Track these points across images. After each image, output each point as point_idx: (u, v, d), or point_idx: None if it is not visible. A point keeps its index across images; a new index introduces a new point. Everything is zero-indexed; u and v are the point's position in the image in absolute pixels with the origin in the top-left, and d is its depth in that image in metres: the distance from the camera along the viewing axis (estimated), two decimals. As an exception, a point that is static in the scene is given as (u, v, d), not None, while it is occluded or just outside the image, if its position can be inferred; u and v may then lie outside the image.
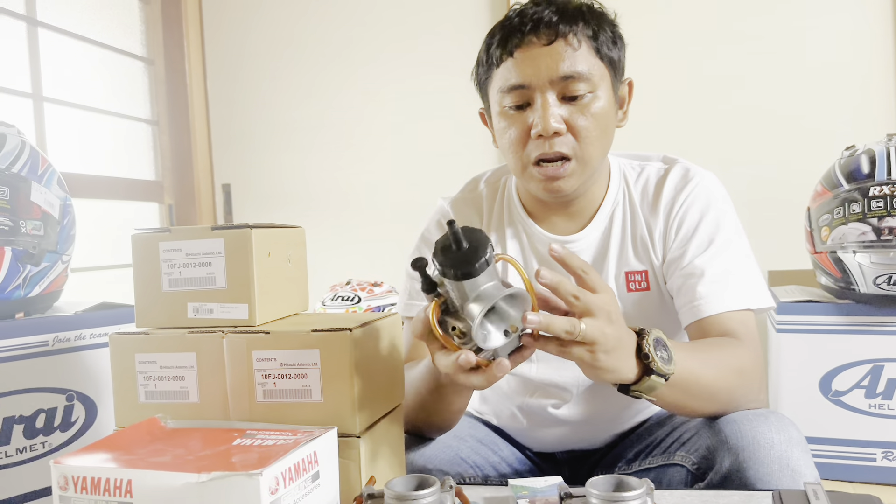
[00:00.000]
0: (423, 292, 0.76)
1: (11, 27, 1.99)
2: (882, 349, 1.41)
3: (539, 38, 1.01)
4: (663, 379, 0.85)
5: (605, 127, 1.06)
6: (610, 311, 0.80)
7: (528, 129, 1.03)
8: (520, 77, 1.02)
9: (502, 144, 1.09)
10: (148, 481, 0.68)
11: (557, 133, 1.02)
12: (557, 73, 1.01)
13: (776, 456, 0.90)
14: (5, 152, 1.15)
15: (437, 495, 0.68)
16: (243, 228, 0.85)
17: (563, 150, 1.03)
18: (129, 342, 0.87)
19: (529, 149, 1.04)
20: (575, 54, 1.01)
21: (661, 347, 0.86)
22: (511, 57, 1.03)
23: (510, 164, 1.10)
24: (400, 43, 2.57)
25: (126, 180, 2.38)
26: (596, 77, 1.03)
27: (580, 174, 1.05)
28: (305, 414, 0.81)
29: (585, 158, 1.04)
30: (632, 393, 0.87)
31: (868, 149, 1.48)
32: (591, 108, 1.03)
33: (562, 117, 1.02)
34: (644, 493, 0.65)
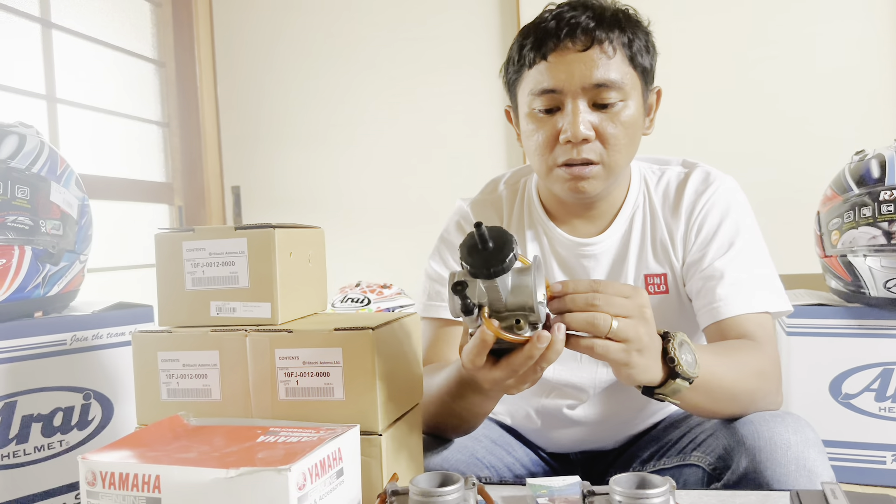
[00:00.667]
0: (462, 313, 0.75)
1: (26, 29, 2.00)
2: (892, 352, 1.41)
3: (574, 44, 1.01)
4: (688, 382, 0.86)
5: (633, 135, 1.06)
6: (644, 310, 0.80)
7: (557, 133, 1.04)
8: (552, 82, 1.03)
9: (528, 146, 1.10)
10: (176, 477, 0.68)
11: (586, 140, 1.02)
12: (591, 80, 1.01)
13: (793, 457, 0.91)
14: (25, 152, 1.16)
15: (461, 492, 0.69)
16: (266, 228, 0.86)
17: (591, 156, 1.03)
18: (152, 340, 0.88)
19: (557, 153, 1.05)
20: (609, 62, 1.01)
21: (686, 351, 0.86)
22: (545, 60, 1.03)
23: (535, 165, 1.10)
24: (410, 44, 2.59)
25: (136, 182, 2.39)
26: (628, 86, 1.03)
27: (605, 178, 1.06)
28: (328, 412, 0.82)
29: (612, 165, 1.05)
30: (656, 396, 0.88)
31: (878, 153, 1.49)
32: (621, 116, 1.03)
33: (591, 124, 1.02)
34: (667, 491, 0.66)
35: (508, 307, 0.76)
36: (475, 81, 2.49)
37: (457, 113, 2.53)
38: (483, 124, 2.51)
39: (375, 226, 2.54)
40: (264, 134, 2.68)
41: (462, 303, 0.74)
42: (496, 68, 2.50)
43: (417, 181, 2.57)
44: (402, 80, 2.59)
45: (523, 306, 0.76)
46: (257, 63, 2.69)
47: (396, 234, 2.52)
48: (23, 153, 1.15)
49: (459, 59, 2.52)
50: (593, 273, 1.14)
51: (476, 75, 2.49)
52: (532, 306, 0.75)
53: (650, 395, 0.88)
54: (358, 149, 2.63)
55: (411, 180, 2.57)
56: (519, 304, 0.76)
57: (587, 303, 0.78)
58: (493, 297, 0.75)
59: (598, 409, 1.17)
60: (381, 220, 2.56)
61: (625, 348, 0.78)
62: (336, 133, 2.65)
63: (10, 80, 1.93)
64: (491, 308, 0.76)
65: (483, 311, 0.75)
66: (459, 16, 2.53)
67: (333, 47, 2.65)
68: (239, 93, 2.69)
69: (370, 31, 2.61)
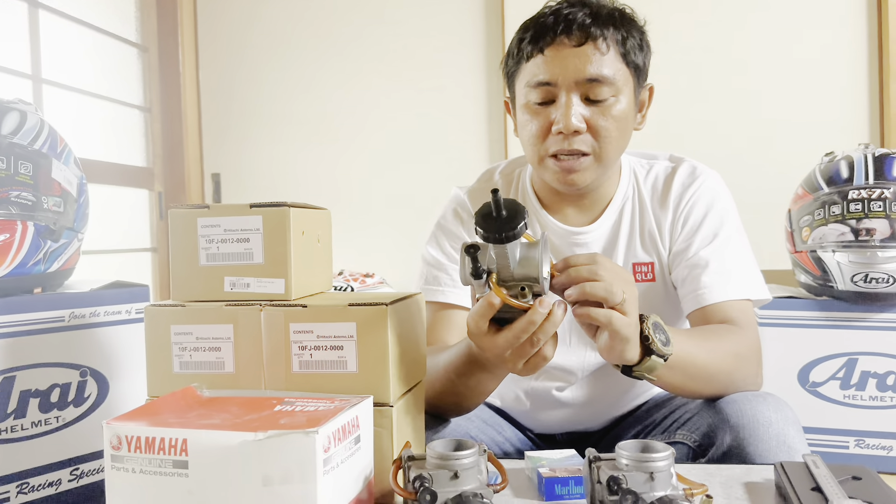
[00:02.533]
0: (472, 277, 0.80)
1: (14, 7, 1.98)
2: (857, 343, 1.50)
3: (570, 39, 1.06)
4: (662, 359, 0.91)
5: (624, 129, 1.11)
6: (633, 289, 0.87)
7: (550, 124, 1.08)
8: (547, 75, 1.07)
9: (523, 136, 1.14)
10: (204, 440, 0.71)
11: (577, 132, 1.07)
12: (584, 74, 1.06)
13: (774, 433, 0.97)
14: (27, 129, 1.16)
15: (475, 457, 0.73)
16: (282, 207, 0.88)
17: (582, 147, 1.08)
18: (165, 314, 0.90)
19: (549, 143, 1.09)
20: (602, 58, 1.06)
21: (659, 331, 0.92)
22: (541, 54, 1.08)
23: (529, 154, 1.15)
24: (394, 39, 2.61)
25: (118, 165, 2.37)
26: (620, 82, 1.08)
27: (595, 170, 1.11)
28: (340, 384, 0.85)
29: (602, 157, 1.10)
30: (634, 373, 0.93)
31: (847, 155, 1.57)
32: (612, 111, 1.08)
33: (583, 117, 1.07)
34: (671, 456, 0.71)
35: (515, 277, 0.81)
36: (459, 76, 2.53)
37: (440, 107, 2.57)
38: (466, 119, 2.55)
39: (357, 216, 2.57)
40: (245, 122, 2.68)
41: (473, 266, 0.79)
42: (480, 64, 2.55)
43: (399, 173, 2.59)
44: (386, 74, 2.62)
45: (529, 277, 0.81)
46: (240, 51, 2.68)
47: (378, 225, 2.55)
48: (24, 129, 1.16)
49: (444, 53, 2.56)
50: None
51: (460, 70, 2.53)
52: (537, 277, 0.81)
53: (628, 374, 0.93)
54: (340, 140, 2.65)
55: (393, 172, 2.60)
56: (525, 275, 0.81)
57: (591, 272, 0.83)
58: (501, 265, 0.81)
59: (586, 391, 1.22)
60: (363, 210, 2.59)
61: (629, 322, 0.84)
62: (318, 124, 2.66)
63: (-1, 60, 1.91)
64: (499, 276, 0.81)
65: (492, 277, 0.81)
66: (446, 10, 2.56)
67: (317, 38, 2.66)
68: (221, 80, 2.68)
69: (356, 24, 2.63)
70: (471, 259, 0.80)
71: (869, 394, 1.50)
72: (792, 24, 2.32)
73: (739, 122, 2.35)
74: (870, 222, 1.45)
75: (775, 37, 2.33)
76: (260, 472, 0.69)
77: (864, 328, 1.50)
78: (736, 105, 2.36)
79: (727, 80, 2.36)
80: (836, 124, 2.28)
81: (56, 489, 1.15)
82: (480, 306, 0.82)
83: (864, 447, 1.50)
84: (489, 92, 2.52)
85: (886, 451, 1.49)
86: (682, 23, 2.37)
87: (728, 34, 2.36)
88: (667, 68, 2.32)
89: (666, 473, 0.70)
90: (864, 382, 1.50)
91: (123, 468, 0.73)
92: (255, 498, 0.69)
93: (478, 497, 0.66)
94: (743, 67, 2.35)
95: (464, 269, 0.82)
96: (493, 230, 0.78)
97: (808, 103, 2.31)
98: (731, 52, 2.36)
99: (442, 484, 0.70)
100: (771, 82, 2.34)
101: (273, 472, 0.68)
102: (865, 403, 1.50)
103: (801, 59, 2.32)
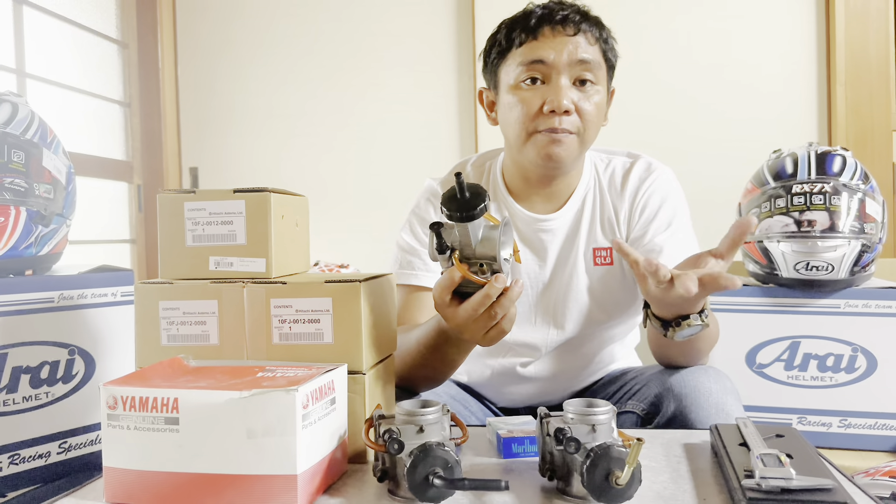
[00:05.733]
0: (437, 252, 0.89)
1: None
2: (800, 327, 1.61)
3: (565, 28, 1.18)
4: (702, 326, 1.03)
5: (600, 117, 1.24)
6: None
7: (541, 103, 1.18)
8: (542, 54, 1.18)
9: (509, 117, 1.22)
10: (193, 399, 0.78)
11: (567, 112, 1.17)
12: (576, 56, 1.17)
13: (714, 402, 1.07)
14: (18, 120, 1.23)
15: (439, 415, 0.81)
16: (263, 192, 0.96)
17: (570, 127, 1.18)
18: (154, 291, 0.97)
19: (538, 121, 1.18)
20: (590, 48, 1.19)
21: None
22: (535, 39, 1.18)
23: (513, 134, 1.22)
24: (370, 38, 2.68)
25: (98, 158, 2.42)
26: (601, 72, 1.21)
27: (576, 150, 1.21)
28: (317, 354, 0.93)
29: (584, 139, 1.21)
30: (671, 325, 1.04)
31: (792, 152, 1.68)
32: (594, 98, 1.20)
33: (572, 99, 1.18)
34: (611, 411, 0.80)
35: (476, 255, 0.90)
36: (432, 75, 2.62)
37: (414, 104, 2.65)
38: (439, 116, 2.63)
39: (333, 209, 2.63)
40: (223, 117, 2.73)
41: (438, 241, 0.88)
42: (452, 64, 2.64)
43: (374, 168, 2.67)
44: (361, 71, 2.69)
45: (487, 255, 0.90)
46: (218, 48, 2.74)
47: (353, 218, 2.62)
48: (17, 120, 1.22)
49: (418, 53, 2.64)
50: (549, 246, 1.27)
51: (433, 69, 2.61)
52: (495, 256, 0.89)
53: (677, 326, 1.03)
54: (316, 136, 2.71)
55: (368, 167, 2.68)
56: (485, 254, 0.90)
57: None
58: (464, 243, 0.89)
59: (548, 367, 1.31)
60: (339, 204, 2.66)
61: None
62: (295, 119, 2.73)
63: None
64: (461, 253, 0.90)
65: (455, 255, 0.89)
66: (420, 11, 2.64)
67: (294, 35, 2.72)
68: (199, 76, 2.74)
69: (333, 22, 2.70)
70: (436, 235, 0.89)
71: (811, 374, 1.61)
72: (747, 31, 2.44)
73: (694, 121, 2.47)
74: (811, 214, 1.56)
75: (729, 41, 2.45)
76: (244, 427, 0.76)
77: (806, 313, 1.60)
78: (691, 106, 2.47)
79: (684, 83, 2.47)
80: (786, 124, 2.41)
81: (45, 461, 1.21)
82: (444, 279, 0.91)
83: (806, 424, 1.61)
84: (460, 90, 2.61)
85: (826, 427, 1.60)
86: (640, 25, 2.48)
87: (685, 38, 2.48)
88: (627, 69, 2.43)
89: (607, 427, 0.79)
90: (805, 364, 1.61)
91: (119, 426, 0.80)
92: (239, 449, 0.76)
93: (440, 446, 0.75)
94: (699, 71, 2.47)
95: (431, 245, 0.90)
96: (455, 209, 0.86)
97: (760, 105, 2.43)
98: (688, 56, 2.47)
99: (409, 437, 0.78)
100: (725, 85, 2.45)
101: (256, 426, 0.76)
102: (807, 383, 1.61)
103: (754, 63, 2.44)
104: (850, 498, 0.70)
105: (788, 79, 2.42)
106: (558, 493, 0.80)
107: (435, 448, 0.74)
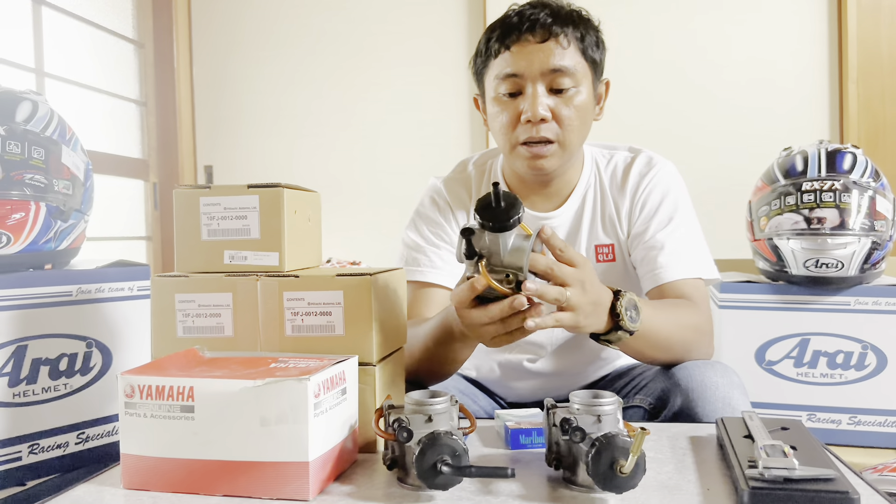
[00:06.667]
0: (465, 257, 0.88)
1: (19, 4, 2.06)
2: (809, 324, 1.61)
3: (534, 36, 1.17)
4: (628, 333, 1.02)
5: (585, 118, 1.22)
6: (584, 281, 0.93)
7: (519, 114, 1.19)
8: (514, 67, 1.18)
9: (494, 127, 1.25)
10: (208, 388, 0.80)
11: (544, 119, 1.17)
12: (547, 66, 1.17)
13: (720, 396, 1.08)
14: (38, 117, 1.25)
15: (447, 405, 0.83)
16: (276, 187, 0.98)
17: (548, 135, 1.19)
18: (170, 284, 0.99)
19: (518, 132, 1.20)
20: (564, 52, 1.17)
21: (631, 308, 1.02)
22: (508, 50, 1.18)
23: (500, 144, 1.25)
24: (381, 38, 2.71)
25: (114, 156, 2.46)
26: (580, 74, 1.19)
27: (560, 156, 1.21)
28: (329, 345, 0.95)
29: (566, 143, 1.20)
30: (601, 341, 1.03)
31: (802, 150, 1.69)
32: (574, 101, 1.19)
33: (548, 106, 1.18)
34: (617, 401, 0.81)
35: (504, 264, 0.88)
36: (443, 74, 2.64)
37: (424, 103, 2.67)
38: (448, 115, 2.65)
39: (344, 206, 2.66)
40: (237, 116, 2.77)
41: (467, 247, 0.87)
42: (462, 62, 2.65)
43: (385, 167, 2.69)
44: (373, 71, 2.71)
45: (515, 266, 0.88)
46: (232, 48, 2.77)
47: (365, 216, 2.65)
48: (37, 117, 1.25)
49: (430, 53, 2.66)
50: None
51: (444, 68, 2.63)
52: (522, 267, 0.88)
53: (596, 340, 1.03)
54: (329, 134, 2.74)
55: (380, 166, 2.70)
56: (512, 263, 0.88)
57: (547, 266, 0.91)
58: (493, 251, 0.88)
59: (554, 363, 1.32)
60: (351, 201, 2.68)
61: (573, 314, 0.92)
62: (307, 118, 2.75)
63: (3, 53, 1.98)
64: (489, 261, 0.88)
65: (482, 262, 0.88)
66: (431, 10, 2.66)
67: (307, 35, 2.75)
68: (214, 76, 2.77)
69: (345, 22, 2.73)
70: (465, 241, 0.88)
71: (820, 371, 1.62)
72: (759, 29, 2.44)
73: (707, 120, 2.47)
74: (821, 212, 1.56)
75: (743, 40, 2.45)
76: (258, 415, 0.79)
77: (815, 310, 1.61)
78: (704, 105, 2.48)
79: (696, 82, 2.48)
80: (798, 122, 2.41)
81: (63, 451, 1.24)
82: (468, 284, 0.89)
83: (815, 421, 1.61)
84: (470, 88, 2.63)
85: (836, 424, 1.61)
86: (654, 24, 2.49)
87: (698, 37, 2.48)
88: (639, 69, 2.44)
89: (612, 417, 0.80)
90: (815, 361, 1.61)
91: (136, 413, 0.82)
92: (253, 436, 0.78)
93: (448, 434, 0.76)
94: (712, 69, 2.47)
95: (459, 249, 0.89)
96: (489, 219, 0.86)
97: (772, 102, 2.43)
98: (701, 54, 2.48)
99: (417, 426, 0.79)
100: (738, 83, 2.46)
101: (270, 414, 0.78)
102: (817, 380, 1.62)
103: (767, 60, 2.44)
104: (851, 487, 0.71)
105: (800, 76, 2.42)
106: (564, 482, 0.81)
107: (443, 436, 0.76)
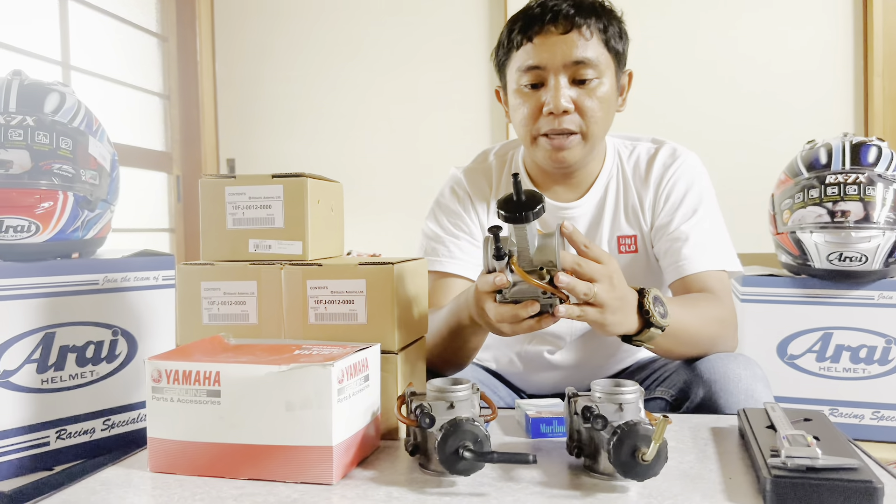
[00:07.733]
0: (494, 259, 0.88)
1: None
2: (832, 318, 1.60)
3: (557, 28, 1.17)
4: (660, 330, 1.01)
5: (608, 109, 1.22)
6: (611, 277, 0.93)
7: (541, 106, 1.19)
8: (536, 59, 1.18)
9: (515, 119, 1.25)
10: (234, 373, 0.82)
11: (566, 111, 1.17)
12: (570, 58, 1.16)
13: (743, 388, 1.07)
14: (66, 108, 1.27)
15: (469, 392, 0.84)
16: (300, 177, 0.99)
17: (571, 126, 1.18)
18: (196, 272, 1.01)
19: (540, 123, 1.20)
20: (586, 44, 1.17)
21: (658, 304, 1.01)
22: (530, 42, 1.18)
23: (521, 135, 1.25)
24: (405, 31, 2.72)
25: (138, 149, 2.49)
26: (602, 65, 1.19)
27: (583, 148, 1.21)
28: (351, 334, 0.96)
29: (589, 135, 1.20)
30: (634, 342, 1.03)
31: (826, 143, 1.67)
32: (597, 92, 1.19)
33: (571, 98, 1.18)
34: (638, 390, 0.81)
35: (534, 262, 0.89)
36: (464, 69, 2.64)
37: (445, 97, 2.67)
38: (468, 108, 2.65)
39: (366, 201, 2.67)
40: (259, 110, 2.79)
41: (495, 245, 0.87)
42: (484, 57, 2.65)
43: (406, 161, 2.70)
44: (395, 66, 2.72)
45: (546, 262, 0.89)
46: (255, 42, 2.79)
47: (385, 209, 2.66)
48: (64, 108, 1.27)
49: (451, 46, 2.66)
50: None
51: (466, 63, 2.64)
52: (554, 261, 0.88)
53: (629, 342, 1.03)
54: (350, 127, 2.75)
55: (400, 160, 2.71)
56: (542, 260, 0.89)
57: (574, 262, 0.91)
58: (521, 247, 0.88)
59: (574, 355, 1.32)
60: (372, 195, 2.70)
61: (600, 310, 0.92)
62: (329, 111, 2.77)
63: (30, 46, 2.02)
64: (518, 259, 0.89)
65: (513, 259, 0.88)
66: (452, 7, 2.67)
67: (329, 30, 2.77)
68: (236, 69, 2.80)
69: (367, 18, 2.74)
70: (493, 238, 0.87)
71: (843, 366, 1.60)
72: (784, 22, 2.42)
73: (731, 113, 2.46)
74: (845, 205, 1.55)
75: (768, 32, 2.43)
76: (283, 400, 0.80)
77: (838, 304, 1.60)
78: (728, 98, 2.46)
79: (721, 74, 2.46)
80: (823, 115, 2.39)
81: (90, 437, 1.26)
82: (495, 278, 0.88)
83: (837, 416, 1.60)
84: (490, 81, 2.63)
85: (858, 419, 1.59)
86: (679, 17, 2.47)
87: (722, 30, 2.46)
88: (664, 61, 2.43)
89: (634, 406, 0.80)
90: (838, 355, 1.60)
91: (163, 398, 0.84)
92: (278, 421, 0.80)
93: (470, 421, 0.77)
94: (736, 62, 2.46)
95: (487, 252, 0.89)
96: (512, 210, 0.85)
97: (797, 97, 2.41)
98: (726, 47, 2.46)
99: (439, 412, 0.80)
100: (762, 76, 2.44)
101: (294, 399, 0.79)
102: (839, 375, 1.60)
103: (791, 53, 2.42)
104: (875, 477, 0.70)
105: (825, 69, 2.40)
106: (585, 469, 0.81)
107: (465, 423, 0.76)
